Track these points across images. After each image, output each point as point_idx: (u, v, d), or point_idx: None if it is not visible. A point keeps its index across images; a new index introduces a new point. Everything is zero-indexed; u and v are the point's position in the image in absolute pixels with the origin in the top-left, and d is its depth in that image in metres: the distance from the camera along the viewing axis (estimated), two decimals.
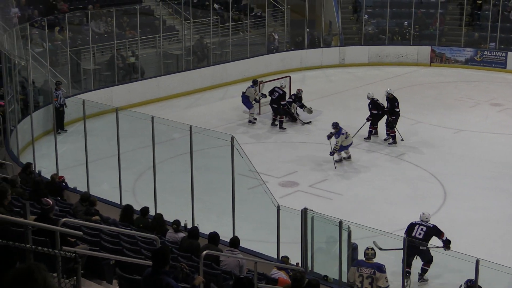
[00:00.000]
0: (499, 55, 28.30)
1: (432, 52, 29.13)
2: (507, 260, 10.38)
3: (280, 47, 28.15)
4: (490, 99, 24.08)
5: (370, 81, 25.14)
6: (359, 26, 29.84)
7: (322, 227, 10.83)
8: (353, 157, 18.11)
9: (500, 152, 18.79)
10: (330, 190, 16.08)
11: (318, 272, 10.61)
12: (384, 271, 10.23)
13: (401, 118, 19.95)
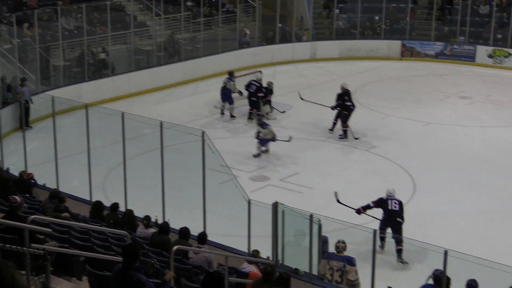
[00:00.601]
0: (468, 48, 28.56)
1: (402, 46, 29.32)
2: (476, 251, 10.51)
3: (252, 42, 28.14)
4: (459, 92, 24.30)
5: (341, 76, 25.21)
6: (330, 21, 29.93)
7: (292, 221, 10.86)
8: (324, 150, 18.24)
9: (469, 144, 18.99)
10: (300, 184, 16.14)
11: (289, 265, 10.65)
12: (354, 264, 10.29)
13: (372, 111, 20.13)
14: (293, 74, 26.75)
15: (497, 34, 28.40)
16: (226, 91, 21.15)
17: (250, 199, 11.37)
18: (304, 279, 10.25)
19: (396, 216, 12.86)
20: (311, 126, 20.00)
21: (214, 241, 11.50)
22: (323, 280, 10.37)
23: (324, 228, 10.60)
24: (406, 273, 11.08)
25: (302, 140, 19.24)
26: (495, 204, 15.31)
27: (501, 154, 18.24)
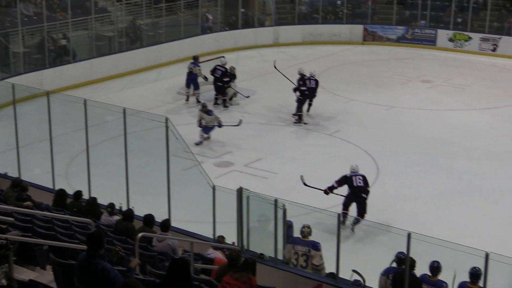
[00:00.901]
0: (429, 32, 28.79)
1: (364, 30, 29.46)
2: (438, 233, 10.63)
3: (214, 27, 28.04)
4: (420, 76, 24.51)
5: (304, 60, 25.26)
6: (292, 5, 29.93)
7: (257, 206, 10.86)
8: (287, 135, 18.30)
9: (431, 128, 19.16)
10: (265, 169, 16.16)
11: (254, 250, 10.66)
12: (319, 249, 10.32)
13: (335, 96, 20.22)
14: (256, 59, 26.72)
15: (457, 18, 28.66)
16: (193, 76, 21.05)
17: (214, 185, 11.35)
18: (269, 263, 10.26)
19: (361, 192, 13.36)
20: (275, 111, 20.01)
21: (179, 228, 11.47)
22: (288, 265, 10.40)
23: (289, 212, 10.63)
24: (370, 256, 11.16)
25: (265, 125, 19.28)
26: (455, 186, 15.51)
27: (461, 137, 18.45)
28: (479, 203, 14.69)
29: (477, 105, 21.25)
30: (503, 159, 17.05)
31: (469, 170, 16.32)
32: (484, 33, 27.85)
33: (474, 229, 13.39)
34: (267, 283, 8.77)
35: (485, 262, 8.55)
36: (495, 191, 15.23)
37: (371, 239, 12.30)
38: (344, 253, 9.60)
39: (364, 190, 13.41)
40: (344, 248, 9.60)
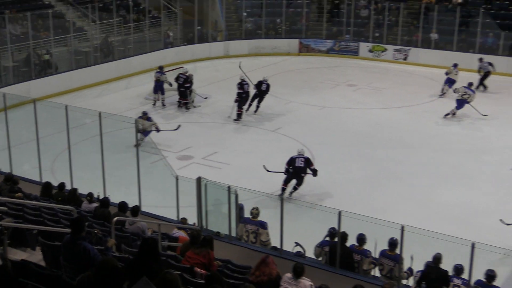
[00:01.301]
0: (352, 45, 29.03)
1: (300, 43, 29.56)
2: (364, 211, 10.75)
3: (175, 42, 27.82)
4: (347, 81, 24.70)
5: (250, 69, 25.18)
6: (240, 23, 29.88)
7: (213, 192, 10.85)
8: (239, 132, 18.30)
9: (356, 123, 19.34)
10: (220, 161, 16.12)
11: (212, 229, 10.65)
12: (266, 228, 10.36)
13: (277, 98, 20.27)
14: (210, 69, 26.59)
15: (375, 33, 28.96)
16: (160, 83, 20.85)
17: (177, 175, 11.31)
18: (224, 240, 10.27)
19: (300, 172, 13.95)
20: (227, 112, 19.94)
21: (149, 212, 11.42)
22: (241, 241, 10.42)
23: (240, 197, 10.64)
24: (308, 232, 11.21)
25: (220, 124, 19.25)
26: (377, 171, 15.70)
27: (381, 131, 18.68)
28: (396, 185, 14.89)
29: (393, 104, 21.50)
30: (415, 147, 17.31)
31: (387, 157, 16.53)
32: (397, 45, 28.17)
33: (393, 207, 13.56)
34: (223, 256, 8.80)
35: (401, 233, 8.68)
36: (409, 175, 15.45)
37: (309, 217, 12.37)
38: (286, 229, 9.64)
39: (303, 170, 13.92)
40: (286, 225, 9.64)
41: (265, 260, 7.52)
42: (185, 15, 28.73)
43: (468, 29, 27.05)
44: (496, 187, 14.74)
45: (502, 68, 24.76)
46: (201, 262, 7.81)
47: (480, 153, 16.85)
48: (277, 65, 27.22)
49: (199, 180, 10.76)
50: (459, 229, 12.15)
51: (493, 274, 8.57)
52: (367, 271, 9.36)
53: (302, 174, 14.07)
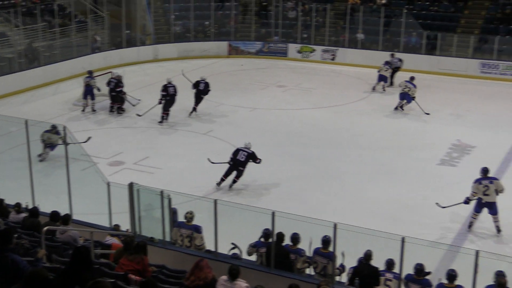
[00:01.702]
0: (281, 46, 29.30)
1: (229, 46, 29.59)
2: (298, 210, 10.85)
3: (102, 47, 27.34)
4: (276, 82, 24.89)
5: (179, 73, 25.09)
6: (168, 27, 29.68)
7: (146, 197, 10.69)
8: (169, 136, 18.17)
9: (287, 124, 19.52)
10: (152, 166, 15.95)
11: (145, 235, 10.49)
12: (201, 232, 10.31)
13: (206, 101, 20.21)
14: (139, 73, 26.23)
15: (303, 34, 29.31)
16: (90, 88, 20.47)
17: (109, 181, 11.11)
18: (159, 245, 10.16)
19: (240, 165, 14.40)
20: (157, 116, 19.73)
21: (80, 220, 11.16)
22: (175, 245, 10.34)
23: (174, 201, 10.54)
24: (243, 234, 11.21)
25: (150, 128, 19.05)
26: (308, 170, 15.87)
27: (312, 130, 18.91)
28: (326, 183, 15.10)
29: (322, 103, 21.80)
30: (344, 146, 17.60)
31: (319, 156, 16.74)
32: (324, 45, 28.60)
33: (324, 204, 13.77)
34: (158, 261, 8.70)
35: (333, 231, 8.79)
36: (340, 173, 15.70)
37: (243, 219, 12.36)
38: (221, 231, 9.61)
39: (243, 164, 14.35)
40: (221, 227, 9.61)
41: (199, 264, 7.48)
42: (112, 19, 28.30)
43: (392, 29, 27.73)
44: (423, 182, 15.14)
45: (424, 67, 25.54)
46: (135, 268, 7.71)
47: (407, 149, 17.28)
48: (207, 67, 27.13)
49: (131, 185, 10.60)
50: (389, 224, 12.44)
51: (421, 268, 8.79)
52: (301, 270, 9.44)
53: (241, 168, 14.41)
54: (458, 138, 17.96)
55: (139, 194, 10.63)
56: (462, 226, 13.00)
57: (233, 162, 14.43)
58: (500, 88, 23.94)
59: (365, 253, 9.11)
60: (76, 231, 9.62)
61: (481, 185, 12.42)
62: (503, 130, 18.88)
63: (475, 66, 25.42)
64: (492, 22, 26.83)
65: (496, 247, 12.23)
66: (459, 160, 16.53)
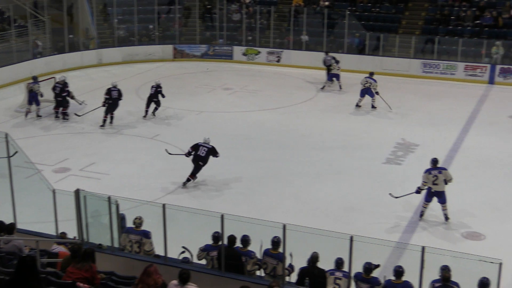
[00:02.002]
0: (226, 49, 29.31)
1: (174, 49, 29.44)
2: (247, 211, 10.91)
3: (44, 52, 26.81)
4: (222, 85, 24.88)
5: (125, 77, 24.86)
6: (112, 31, 29.33)
7: (94, 203, 10.53)
8: (116, 141, 17.95)
9: (234, 126, 19.54)
10: (98, 172, 15.72)
11: (93, 242, 10.32)
12: (150, 237, 10.20)
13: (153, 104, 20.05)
14: (84, 78, 25.81)
15: (248, 36, 29.40)
16: (34, 94, 20.03)
17: (54, 188, 10.88)
18: (107, 251, 10.02)
19: (199, 160, 14.64)
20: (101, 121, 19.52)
21: (25, 229, 10.89)
22: (124, 251, 10.21)
23: (122, 207, 10.41)
24: (192, 237, 11.15)
25: (96, 134, 18.78)
26: (256, 172, 15.91)
27: (258, 132, 18.96)
28: (275, 185, 15.17)
29: (269, 105, 21.90)
30: (292, 148, 17.72)
31: (265, 157, 16.81)
32: (269, 47, 28.76)
33: (274, 206, 13.83)
34: (107, 268, 8.58)
35: (283, 232, 8.83)
36: (287, 174, 15.79)
37: (192, 222, 12.30)
38: (170, 236, 9.54)
39: (203, 159, 14.60)
40: (170, 232, 9.55)
41: (148, 270, 7.41)
42: (53, 23, 27.78)
43: (336, 31, 28.07)
44: (369, 180, 15.38)
45: (368, 67, 25.90)
46: (84, 276, 7.59)
47: (354, 149, 17.51)
48: (152, 71, 26.95)
49: (77, 192, 10.41)
50: (337, 223, 12.62)
51: (370, 267, 8.91)
52: (252, 272, 9.45)
53: (201, 163, 14.64)
54: (402, 137, 18.32)
55: (86, 200, 10.45)
56: (413, 215, 13.45)
57: (193, 157, 14.64)
58: (441, 87, 24.53)
59: (311, 256, 9.18)
60: (21, 241, 9.38)
61: (430, 175, 12.94)
62: (446, 127, 19.36)
63: (417, 66, 25.98)
64: (432, 23, 27.47)
65: (445, 233, 12.80)
66: (403, 158, 16.86)
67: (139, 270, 7.63)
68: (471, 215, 13.46)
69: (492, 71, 24.92)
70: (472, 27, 26.52)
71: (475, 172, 15.72)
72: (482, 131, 19.04)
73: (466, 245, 11.94)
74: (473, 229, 12.82)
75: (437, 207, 13.24)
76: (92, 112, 19.92)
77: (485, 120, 20.15)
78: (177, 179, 15.16)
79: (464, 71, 25.26)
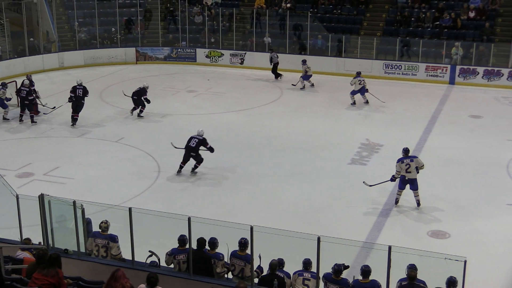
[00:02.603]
0: (190, 51, 29.21)
1: (137, 52, 29.23)
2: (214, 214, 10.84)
3: (4, 55, 26.36)
4: (186, 87, 24.79)
5: (87, 80, 24.52)
6: (73, 33, 28.98)
7: (58, 208, 10.38)
8: (80, 144, 17.75)
9: (198, 128, 19.37)
10: (63, 176, 15.51)
11: (59, 247, 10.18)
12: (117, 241, 10.08)
13: (116, 108, 19.92)
14: (46, 82, 25.41)
15: (211, 38, 29.34)
16: (0, 100, 19.96)
17: (18, 194, 10.69)
18: (73, 257, 9.87)
19: (191, 151, 15.48)
20: (66, 125, 19.25)
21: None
22: (91, 256, 10.09)
23: (87, 211, 10.28)
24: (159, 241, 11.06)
25: (59, 138, 18.54)
26: (224, 174, 15.87)
27: (224, 134, 18.91)
28: (243, 186, 15.16)
29: (234, 107, 21.88)
30: (257, 149, 17.73)
31: (233, 160, 16.77)
32: (233, 49, 28.75)
33: (241, 208, 13.82)
34: (73, 273, 8.48)
35: (250, 233, 8.82)
36: (253, 175, 15.80)
37: (159, 226, 12.21)
38: (137, 240, 9.46)
39: (193, 150, 15.40)
40: (137, 235, 9.47)
41: (115, 274, 7.34)
42: (12, 26, 27.36)
43: (299, 32, 28.20)
44: (335, 181, 15.48)
45: (331, 69, 26.16)
46: (50, 282, 7.47)
47: (318, 150, 17.60)
48: (115, 74, 26.72)
49: (42, 197, 10.24)
50: (304, 224, 12.66)
51: (339, 268, 8.94)
52: (221, 274, 9.42)
53: (193, 153, 15.44)
54: (367, 137, 18.48)
55: (51, 205, 10.30)
56: (380, 214, 13.63)
57: (185, 148, 15.51)
58: (403, 87, 24.83)
59: (270, 263, 9.10)
60: None
61: (403, 164, 13.65)
62: (409, 127, 19.60)
63: (379, 67, 26.26)
64: (393, 25, 27.80)
65: (411, 232, 12.98)
66: (368, 158, 17.01)
67: (107, 274, 7.54)
68: (436, 214, 13.64)
69: (452, 72, 25.32)
70: (432, 28, 26.93)
71: (439, 171, 15.94)
72: (444, 131, 19.32)
73: (431, 243, 12.11)
74: (438, 228, 13.00)
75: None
76: (58, 109, 19.80)
77: (446, 120, 20.46)
78: (142, 182, 15.05)
79: (425, 72, 25.62)
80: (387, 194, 14.43)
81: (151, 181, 15.12)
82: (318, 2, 29.36)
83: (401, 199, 13.95)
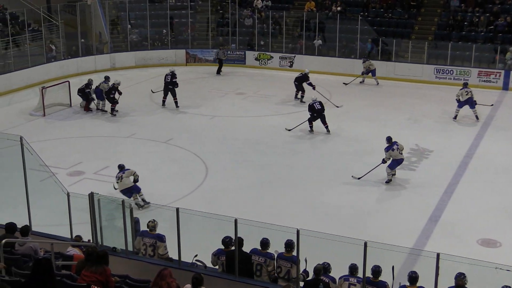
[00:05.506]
0: (239, 54, 29.33)
1: (187, 54, 29.52)
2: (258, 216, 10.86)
3: (58, 56, 26.95)
4: (235, 89, 24.89)
5: (138, 81, 24.95)
6: (125, 35, 29.46)
7: (108, 207, 10.59)
8: (128, 145, 18.00)
9: (245, 131, 19.53)
10: (112, 175, 15.68)
11: (108, 245, 10.36)
12: (164, 241, 10.21)
13: (166, 109, 20.06)
14: (99, 82, 25.92)
15: (260, 41, 29.42)
16: (99, 90, 21.38)
17: (69, 192, 10.92)
18: (121, 255, 10.03)
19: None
20: (119, 123, 19.58)
21: (40, 231, 10.94)
22: (138, 255, 10.23)
23: (135, 210, 10.46)
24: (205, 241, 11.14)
25: (110, 138, 18.87)
26: (267, 176, 15.88)
27: (270, 137, 18.92)
28: (285, 190, 15.13)
29: (281, 110, 21.88)
30: (303, 153, 17.68)
31: (276, 163, 16.78)
32: (282, 52, 28.76)
33: (285, 211, 13.80)
34: (121, 272, 8.59)
35: (296, 237, 8.80)
36: (296, 179, 15.74)
37: (206, 226, 12.30)
38: (184, 240, 9.55)
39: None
40: (183, 236, 9.55)
41: (162, 273, 7.42)
42: (67, 28, 27.95)
43: (349, 36, 28.02)
44: (383, 186, 15.32)
45: (381, 73, 25.85)
46: (98, 279, 7.58)
47: (365, 154, 17.43)
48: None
49: (92, 195, 10.45)
50: (350, 229, 12.56)
51: (377, 269, 8.86)
52: (272, 273, 9.41)
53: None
54: (416, 143, 18.23)
55: (100, 204, 10.50)
56: (428, 221, 13.37)
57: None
58: (455, 93, 24.36)
59: (315, 268, 9.04)
60: (36, 243, 9.42)
61: (393, 151, 15.32)
62: (460, 133, 19.26)
63: (429, 71, 25.87)
64: (445, 29, 27.36)
65: (460, 240, 12.60)
66: (417, 164, 16.77)
67: (153, 273, 7.63)
68: (486, 222, 13.37)
69: (506, 77, 24.76)
70: (485, 32, 26.40)
71: (491, 178, 15.62)
72: (496, 137, 18.92)
73: (481, 252, 11.85)
74: (488, 236, 12.73)
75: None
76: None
77: (499, 126, 20.03)
78: (189, 183, 15.18)
79: (478, 77, 25.11)
80: (435, 201, 14.21)
81: (199, 182, 15.23)
82: (368, 6, 29.14)
83: (451, 207, 13.70)
